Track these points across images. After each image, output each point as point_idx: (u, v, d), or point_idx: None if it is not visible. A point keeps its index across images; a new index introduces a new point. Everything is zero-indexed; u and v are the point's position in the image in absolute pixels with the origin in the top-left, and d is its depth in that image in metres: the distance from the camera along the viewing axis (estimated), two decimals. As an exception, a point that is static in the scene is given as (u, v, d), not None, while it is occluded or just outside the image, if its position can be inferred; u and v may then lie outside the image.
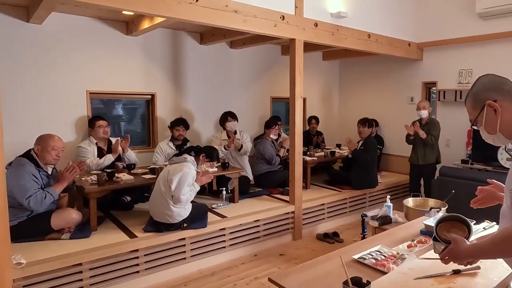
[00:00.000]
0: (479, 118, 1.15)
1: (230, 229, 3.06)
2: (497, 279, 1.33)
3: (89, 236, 2.63)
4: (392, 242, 1.79)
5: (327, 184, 4.50)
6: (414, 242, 1.75)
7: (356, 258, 1.56)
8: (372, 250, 1.65)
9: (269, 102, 5.39)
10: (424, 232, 1.92)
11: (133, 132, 4.44)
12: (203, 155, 2.92)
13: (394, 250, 1.64)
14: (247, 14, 3.01)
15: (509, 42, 4.09)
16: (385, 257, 1.57)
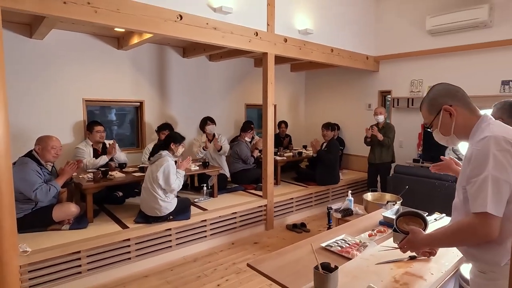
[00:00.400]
0: (435, 121, 1.22)
1: (210, 220, 3.33)
2: (448, 263, 1.45)
3: (86, 227, 2.85)
4: (354, 231, 1.93)
5: (295, 180, 4.85)
6: (374, 232, 1.89)
7: (323, 246, 1.69)
8: (337, 239, 1.77)
9: (243, 109, 5.78)
10: (383, 222, 2.06)
11: (123, 135, 4.74)
12: (171, 143, 3.08)
13: (357, 239, 1.77)
14: (225, 31, 3.27)
15: (454, 55, 4.36)
16: (349, 245, 1.69)
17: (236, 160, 4.56)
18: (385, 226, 1.98)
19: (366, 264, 1.45)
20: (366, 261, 1.47)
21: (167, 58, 4.83)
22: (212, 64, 5.31)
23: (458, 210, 1.18)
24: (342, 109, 5.93)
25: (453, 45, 4.32)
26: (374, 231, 1.92)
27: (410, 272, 1.39)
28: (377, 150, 4.43)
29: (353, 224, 2.15)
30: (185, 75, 5.01)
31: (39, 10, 2.26)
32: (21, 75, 3.62)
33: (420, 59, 4.74)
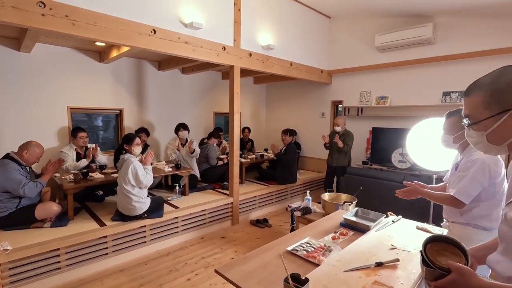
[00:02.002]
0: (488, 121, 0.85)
1: (182, 217, 3.47)
2: (416, 271, 1.41)
3: (67, 224, 2.91)
4: (317, 233, 1.92)
5: (257, 180, 5.11)
6: (337, 234, 1.88)
7: (289, 250, 1.67)
8: (302, 242, 1.75)
9: (212, 116, 6.06)
10: (344, 224, 2.12)
11: (106, 139, 4.84)
12: (125, 145, 3.12)
13: (321, 242, 1.74)
14: (196, 45, 3.38)
15: (400, 69, 4.69)
16: (314, 249, 1.67)
17: (202, 160, 4.77)
18: (346, 228, 2.05)
19: (334, 271, 1.40)
20: (334, 268, 1.43)
21: (144, 70, 4.97)
22: (184, 76, 5.50)
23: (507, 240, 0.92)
24: (298, 116, 6.27)
25: (400, 60, 4.62)
26: (337, 233, 1.92)
27: (379, 282, 1.34)
28: (335, 154, 4.67)
29: (315, 225, 2.16)
30: (160, 86, 5.18)
31: (18, 22, 2.26)
32: (10, 86, 3.68)
33: (369, 73, 5.05)
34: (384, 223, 2.23)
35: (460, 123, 1.63)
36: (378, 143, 4.89)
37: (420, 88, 4.58)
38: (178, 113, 5.45)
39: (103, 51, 4.26)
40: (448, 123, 1.76)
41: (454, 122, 1.72)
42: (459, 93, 4.22)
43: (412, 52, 4.54)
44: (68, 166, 3.68)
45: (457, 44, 4.16)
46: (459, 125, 1.68)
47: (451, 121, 1.74)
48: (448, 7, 3.97)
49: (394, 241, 1.87)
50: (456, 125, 1.71)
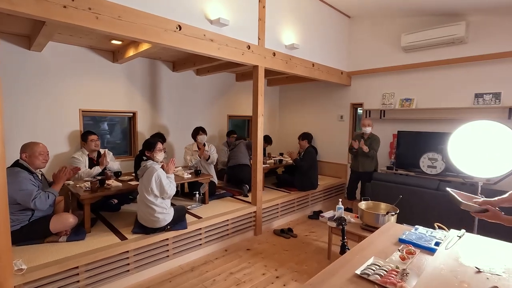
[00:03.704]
0: None
1: (205, 228, 3.21)
2: None
3: (84, 238, 2.64)
4: (377, 252, 1.74)
5: (275, 186, 4.86)
6: (404, 253, 1.68)
7: (359, 274, 1.48)
8: (369, 264, 1.57)
9: (226, 119, 5.82)
10: (404, 240, 1.93)
11: (117, 143, 4.56)
12: (146, 151, 2.90)
13: (391, 264, 1.56)
14: (221, 43, 3.18)
15: (424, 71, 4.50)
16: (386, 272, 1.48)
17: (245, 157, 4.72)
18: (410, 245, 1.86)
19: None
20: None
21: (158, 71, 4.72)
22: (198, 78, 5.26)
23: None
24: (315, 120, 6.03)
25: (428, 60, 4.39)
26: (403, 251, 1.71)
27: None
28: (361, 159, 4.37)
29: (370, 241, 1.96)
30: (174, 88, 4.94)
31: (37, 13, 2.03)
32: (19, 86, 3.42)
33: (392, 74, 4.82)
34: (450, 239, 1.98)
35: None
36: (403, 147, 4.65)
37: (449, 89, 4.35)
38: (192, 116, 5.21)
39: (117, 50, 4.01)
40: None
41: None
42: (493, 95, 3.99)
43: (441, 52, 4.32)
44: (81, 173, 3.43)
45: (490, 44, 3.94)
46: None
47: None
48: (482, 5, 3.75)
49: (473, 261, 1.62)
50: None
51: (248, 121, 6.36)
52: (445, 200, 3.54)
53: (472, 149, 2.78)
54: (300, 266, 3.09)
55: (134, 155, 4.49)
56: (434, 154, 4.21)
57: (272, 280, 2.80)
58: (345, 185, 5.53)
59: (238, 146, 4.67)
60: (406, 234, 2.15)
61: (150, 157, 2.89)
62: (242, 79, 5.76)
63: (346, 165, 5.58)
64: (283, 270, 3.00)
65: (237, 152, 4.65)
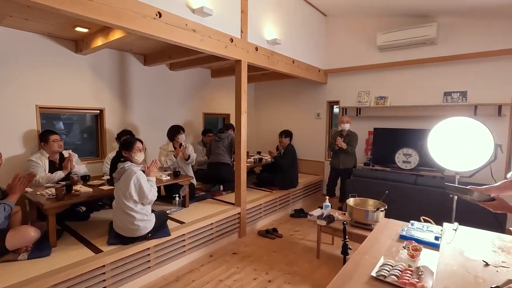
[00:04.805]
0: None
1: (189, 234, 2.95)
2: None
3: (50, 254, 2.25)
4: (385, 251, 1.73)
5: (255, 185, 4.69)
6: (410, 250, 1.67)
7: (375, 276, 1.44)
8: (381, 264, 1.53)
9: (201, 117, 5.51)
10: (405, 237, 1.93)
11: (77, 144, 4.04)
12: (124, 151, 2.54)
13: (402, 263, 1.54)
14: (204, 34, 2.93)
15: (398, 69, 4.60)
16: (401, 272, 1.46)
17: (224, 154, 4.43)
18: (412, 241, 1.84)
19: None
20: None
21: (128, 65, 4.30)
22: (172, 73, 4.91)
23: None
24: (291, 118, 5.96)
25: (401, 60, 4.50)
26: (409, 249, 1.70)
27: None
28: (341, 156, 4.37)
29: (372, 240, 1.94)
30: (146, 83, 4.54)
31: None
32: None
33: (368, 72, 4.88)
34: (447, 233, 1.98)
35: None
36: (379, 143, 4.75)
37: (421, 88, 4.52)
38: (165, 113, 4.84)
39: (81, 39, 3.55)
40: None
41: None
42: (460, 93, 4.21)
43: (414, 52, 4.47)
44: (40, 178, 2.96)
45: (458, 45, 4.15)
46: None
47: None
48: (451, 8, 3.93)
49: (477, 255, 1.64)
50: None
51: (224, 119, 6.11)
52: (424, 193, 3.65)
53: (450, 144, 2.87)
54: (291, 267, 2.96)
55: (102, 156, 4.03)
56: (409, 150, 4.34)
57: (264, 285, 2.64)
58: (323, 182, 5.54)
59: (222, 141, 4.40)
60: (406, 230, 2.12)
61: (128, 158, 2.55)
62: (218, 76, 5.51)
63: (323, 162, 5.59)
64: (274, 273, 2.84)
65: (220, 146, 4.38)
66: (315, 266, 3.00)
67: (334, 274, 2.81)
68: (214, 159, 4.34)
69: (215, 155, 4.36)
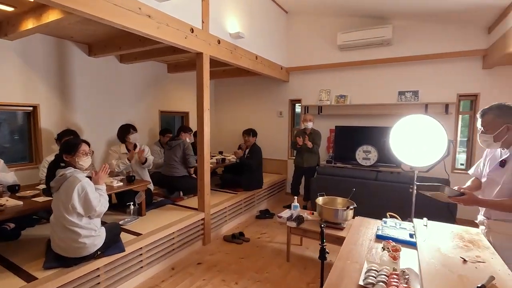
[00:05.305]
0: None
1: (146, 247, 2.58)
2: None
3: None
4: (366, 254, 1.68)
5: (219, 187, 4.42)
6: (391, 251, 1.62)
7: (363, 285, 1.37)
8: (366, 270, 1.47)
9: (157, 115, 5.03)
10: (382, 236, 1.90)
11: (11, 147, 3.39)
12: (65, 155, 2.11)
13: (386, 266, 1.49)
14: (161, 21, 2.60)
15: (360, 68, 4.64)
16: (387, 277, 1.39)
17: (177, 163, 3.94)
18: (390, 241, 1.77)
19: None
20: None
21: (68, 55, 3.71)
22: (122, 66, 4.37)
23: None
24: (253, 116, 5.78)
25: (360, 59, 4.58)
26: (389, 249, 1.64)
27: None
28: (305, 155, 4.34)
29: (349, 242, 1.87)
30: (91, 77, 3.98)
31: None
32: None
33: (329, 71, 4.90)
34: (419, 229, 1.98)
35: (497, 119, 1.60)
36: (340, 141, 4.80)
37: (378, 87, 4.66)
38: (115, 111, 4.30)
39: (6, 21, 2.92)
40: (485, 122, 1.68)
41: (490, 120, 1.64)
42: (413, 93, 4.42)
43: (372, 52, 4.59)
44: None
45: (412, 47, 4.34)
46: (497, 121, 1.61)
47: (487, 119, 1.65)
48: (404, 11, 4.09)
49: (453, 251, 1.64)
50: (493, 122, 1.63)
51: (182, 118, 5.70)
52: (384, 189, 3.74)
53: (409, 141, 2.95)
54: (261, 274, 2.77)
55: (38, 161, 3.42)
56: (368, 147, 4.45)
57: (235, 297, 2.40)
58: (286, 181, 5.46)
59: (174, 150, 3.92)
60: (381, 230, 2.07)
61: (71, 163, 2.12)
62: (176, 71, 5.09)
63: (286, 161, 5.52)
64: (245, 282, 2.63)
65: (172, 156, 3.92)
66: (286, 270, 2.85)
67: (305, 277, 2.72)
68: (168, 171, 3.90)
69: (168, 166, 3.91)
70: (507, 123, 1.60)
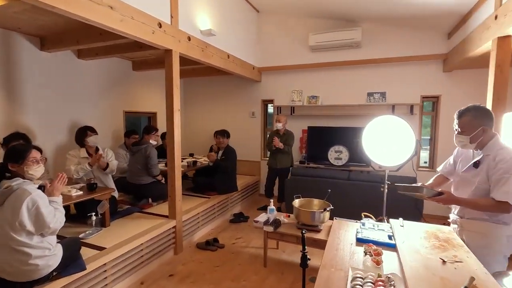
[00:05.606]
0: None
1: (111, 262, 2.33)
2: None
3: None
4: (349, 259, 1.65)
5: (191, 191, 4.18)
6: (373, 256, 1.59)
7: None
8: (351, 279, 1.42)
9: (122, 116, 4.68)
10: (362, 240, 1.84)
11: None
12: (10, 164, 1.84)
13: (371, 272, 1.45)
14: (125, 13, 2.35)
15: (331, 69, 4.69)
16: (373, 284, 1.35)
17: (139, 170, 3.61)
18: (371, 244, 1.74)
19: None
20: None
21: (16, 48, 3.28)
22: (81, 62, 3.98)
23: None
24: (224, 117, 5.62)
25: (331, 61, 4.62)
26: (371, 254, 1.61)
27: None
28: (278, 156, 4.28)
29: (331, 247, 1.80)
30: (44, 74, 3.56)
31: None
32: None
33: (301, 72, 4.89)
34: (396, 230, 1.99)
35: (473, 121, 1.62)
36: (313, 142, 4.82)
37: (348, 88, 4.73)
38: (73, 112, 3.91)
39: None
40: (462, 123, 1.69)
41: (467, 122, 1.65)
42: (380, 94, 4.55)
43: (343, 53, 4.64)
44: None
45: (379, 50, 4.46)
46: (474, 123, 1.63)
47: (464, 121, 1.66)
48: (373, 14, 4.18)
49: (432, 252, 1.64)
50: (470, 124, 1.64)
51: (150, 118, 5.37)
52: (356, 188, 3.79)
53: (380, 141, 3.01)
54: (238, 282, 2.64)
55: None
56: (340, 147, 4.50)
57: (212, 311, 2.25)
58: (260, 182, 5.37)
59: (136, 157, 3.63)
60: (361, 233, 2.03)
61: (18, 173, 1.82)
62: (141, 68, 4.76)
63: (260, 162, 5.43)
64: (221, 293, 2.48)
65: (135, 163, 3.63)
66: (263, 276, 2.75)
67: (284, 282, 2.64)
68: (132, 178, 3.62)
69: (131, 173, 3.63)
70: (483, 125, 1.62)
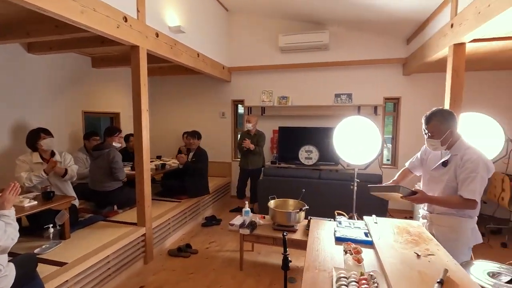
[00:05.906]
0: None
1: (74, 279, 2.10)
2: None
3: None
4: (331, 260, 1.64)
5: (160, 196, 4.00)
6: (353, 254, 1.60)
7: None
8: (336, 279, 1.40)
9: (80, 117, 4.30)
10: (341, 238, 1.84)
11: None
12: None
13: (354, 271, 1.45)
14: (86, 4, 2.13)
15: (300, 71, 4.76)
16: (357, 283, 1.35)
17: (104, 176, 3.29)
18: (350, 242, 1.76)
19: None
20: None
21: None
22: (32, 57, 3.58)
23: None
24: (193, 117, 5.46)
25: (300, 62, 4.69)
26: (351, 252, 1.62)
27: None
28: (249, 157, 4.26)
29: (313, 249, 1.78)
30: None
31: None
32: None
33: (271, 72, 4.91)
34: (371, 227, 2.04)
35: (441, 125, 1.71)
36: (284, 142, 4.85)
37: (317, 89, 4.84)
38: (23, 113, 3.50)
39: None
40: (431, 128, 1.75)
41: (436, 126, 1.73)
42: (347, 95, 4.71)
43: (311, 55, 4.73)
44: None
45: (346, 52, 4.62)
46: (441, 127, 1.71)
47: (433, 126, 1.74)
48: (339, 18, 4.31)
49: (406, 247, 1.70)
50: (438, 128, 1.72)
51: (112, 119, 5.01)
52: (327, 187, 3.87)
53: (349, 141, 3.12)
54: (215, 289, 2.54)
55: None
56: (310, 147, 4.58)
57: (188, 322, 2.13)
58: (231, 184, 5.28)
59: (98, 162, 3.31)
60: (339, 231, 2.06)
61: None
62: (102, 65, 4.42)
63: (231, 163, 5.34)
64: (197, 302, 2.36)
65: (96, 169, 3.32)
66: (240, 280, 2.68)
67: (261, 285, 2.59)
68: (94, 185, 3.31)
69: (93, 179, 3.31)
70: (450, 128, 1.71)
